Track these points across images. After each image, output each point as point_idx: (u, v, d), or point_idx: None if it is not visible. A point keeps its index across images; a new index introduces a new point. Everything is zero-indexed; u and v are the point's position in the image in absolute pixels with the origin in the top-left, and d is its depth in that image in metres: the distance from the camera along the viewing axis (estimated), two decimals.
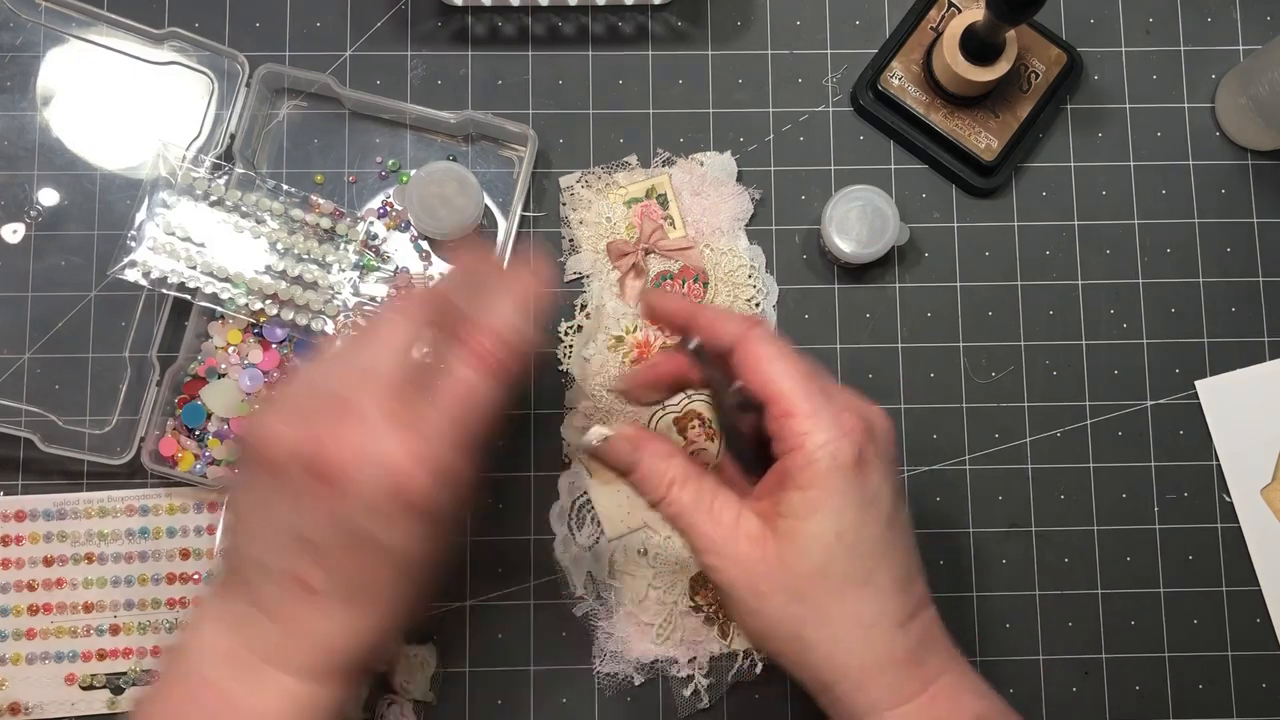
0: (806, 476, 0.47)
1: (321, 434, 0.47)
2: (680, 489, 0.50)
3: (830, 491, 0.47)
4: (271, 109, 0.68)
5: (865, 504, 0.48)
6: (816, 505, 0.47)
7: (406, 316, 0.50)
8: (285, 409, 0.49)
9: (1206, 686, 0.66)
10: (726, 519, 0.49)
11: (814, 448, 0.47)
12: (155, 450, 0.64)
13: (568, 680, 0.65)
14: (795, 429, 0.47)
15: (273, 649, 0.49)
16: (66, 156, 0.68)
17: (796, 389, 0.48)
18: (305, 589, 0.48)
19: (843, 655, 0.48)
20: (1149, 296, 0.68)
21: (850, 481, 0.47)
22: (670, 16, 0.70)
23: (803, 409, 0.47)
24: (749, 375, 0.49)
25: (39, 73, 0.68)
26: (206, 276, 0.64)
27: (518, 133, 0.66)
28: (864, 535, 0.48)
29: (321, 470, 0.46)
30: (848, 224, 0.65)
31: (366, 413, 0.47)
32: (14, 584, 0.65)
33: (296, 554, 0.48)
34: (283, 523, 0.48)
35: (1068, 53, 0.68)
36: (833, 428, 0.47)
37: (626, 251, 0.67)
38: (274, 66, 0.66)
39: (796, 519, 0.47)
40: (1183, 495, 0.67)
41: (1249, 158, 0.69)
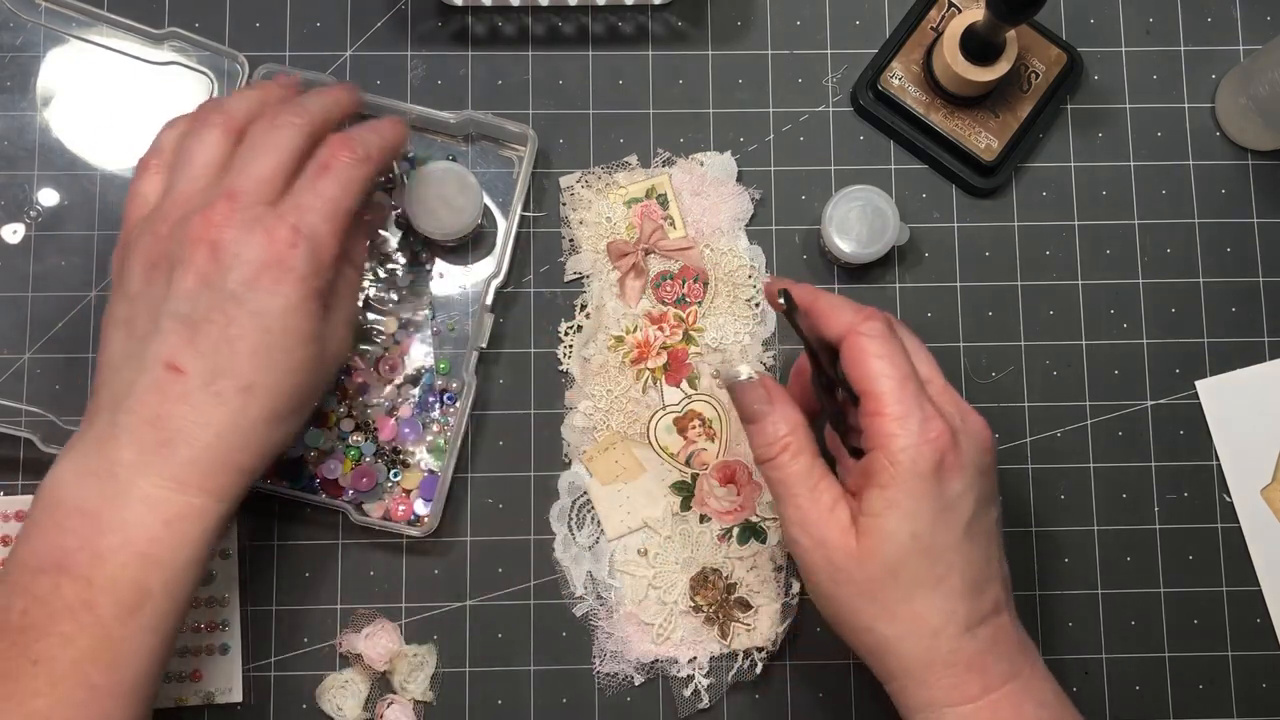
0: (887, 476, 0.49)
1: (204, 213, 0.51)
2: (793, 458, 0.51)
3: (908, 493, 0.49)
4: None
5: (942, 509, 0.49)
6: (894, 505, 0.49)
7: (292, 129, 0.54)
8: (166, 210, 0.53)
9: (1206, 686, 0.66)
10: (825, 501, 0.51)
11: (896, 450, 0.49)
12: None
13: (568, 680, 0.65)
14: (882, 429, 0.49)
15: (136, 457, 0.50)
16: (66, 156, 0.68)
17: (890, 390, 0.49)
18: (174, 373, 0.50)
19: (908, 653, 0.50)
20: (1149, 296, 0.68)
21: (928, 485, 0.49)
22: (670, 16, 0.70)
23: (892, 411, 0.49)
24: (851, 369, 0.51)
25: (39, 73, 0.68)
26: None
27: (518, 133, 0.66)
28: (938, 540, 0.49)
29: (200, 236, 0.51)
30: (848, 224, 0.65)
31: (244, 196, 0.52)
32: None
33: (169, 332, 0.51)
34: (157, 305, 0.51)
35: (1068, 53, 0.68)
36: (917, 433, 0.49)
37: (626, 251, 0.67)
38: (274, 66, 0.66)
39: (875, 517, 0.49)
40: (1183, 495, 0.67)
41: (1249, 158, 0.69)
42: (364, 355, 0.66)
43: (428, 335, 0.67)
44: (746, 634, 0.64)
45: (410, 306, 0.67)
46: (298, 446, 0.64)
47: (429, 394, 0.66)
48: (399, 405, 0.66)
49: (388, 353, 0.66)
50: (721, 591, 0.65)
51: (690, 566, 0.65)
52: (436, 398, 0.66)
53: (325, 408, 0.65)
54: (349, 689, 0.65)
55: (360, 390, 0.66)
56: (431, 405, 0.66)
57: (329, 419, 0.65)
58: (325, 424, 0.65)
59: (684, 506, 0.66)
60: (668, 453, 0.66)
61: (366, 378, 0.66)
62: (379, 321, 0.66)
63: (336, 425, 0.65)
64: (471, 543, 0.66)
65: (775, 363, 0.67)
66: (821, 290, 0.54)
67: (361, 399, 0.66)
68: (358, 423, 0.65)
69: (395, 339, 0.66)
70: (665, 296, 0.67)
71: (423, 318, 0.67)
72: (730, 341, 0.66)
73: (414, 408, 0.66)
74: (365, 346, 0.66)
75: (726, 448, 0.66)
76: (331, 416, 0.65)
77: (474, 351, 0.66)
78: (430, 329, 0.67)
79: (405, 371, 0.66)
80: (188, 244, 0.51)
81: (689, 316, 0.67)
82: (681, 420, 0.66)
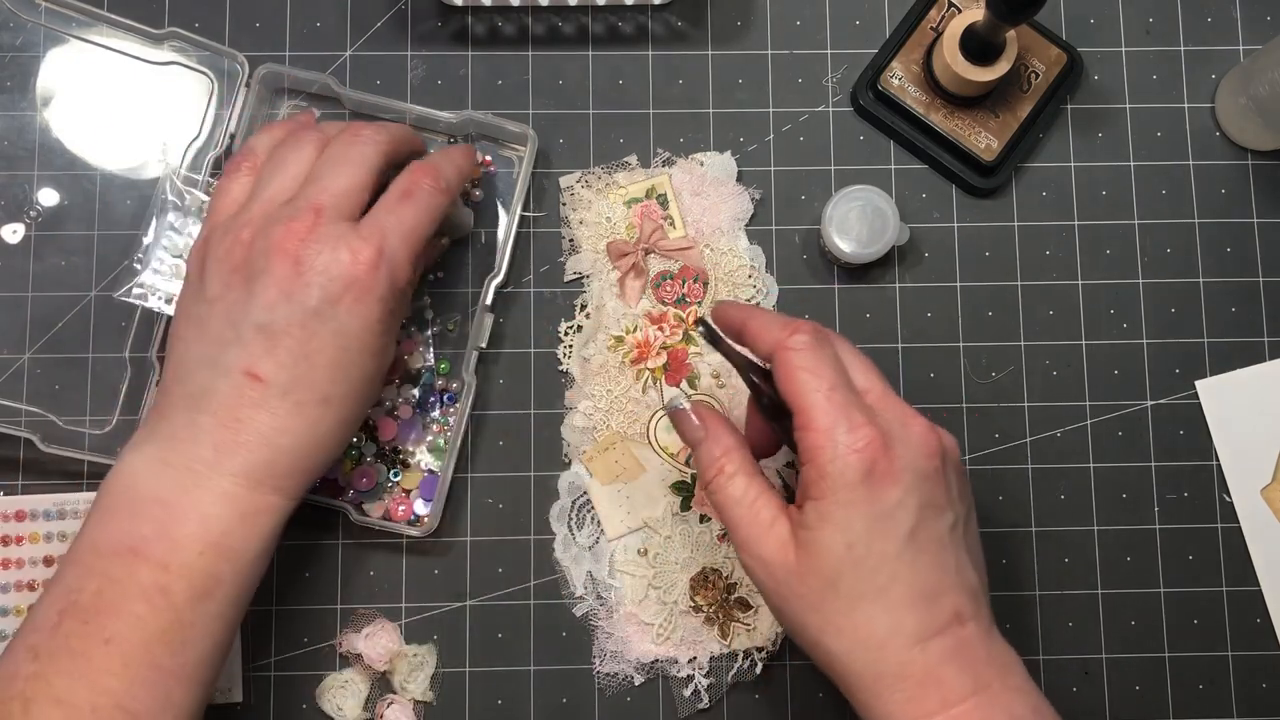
0: (818, 489, 0.48)
1: (289, 224, 0.53)
2: (729, 479, 0.52)
3: (838, 504, 0.48)
4: (271, 109, 0.68)
5: (877, 518, 0.48)
6: (826, 517, 0.48)
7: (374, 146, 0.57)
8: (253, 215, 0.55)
9: (1206, 686, 0.66)
10: (764, 518, 0.50)
11: (824, 462, 0.48)
12: None
13: (568, 680, 0.65)
14: (810, 442, 0.49)
15: (214, 456, 0.52)
16: (66, 157, 0.68)
17: (817, 403, 0.49)
18: (254, 380, 0.52)
19: (855, 666, 0.49)
20: (1149, 296, 0.68)
21: (859, 495, 0.48)
22: (670, 16, 0.70)
23: (818, 423, 0.49)
24: (781, 385, 0.51)
25: (39, 73, 0.68)
26: None
27: (518, 133, 0.66)
28: (875, 549, 0.48)
29: (284, 247, 0.52)
30: (848, 224, 0.65)
31: (328, 211, 0.54)
32: (14, 584, 0.65)
33: (249, 341, 0.53)
34: (238, 313, 0.53)
35: (1068, 53, 0.68)
36: (843, 443, 0.48)
37: (626, 251, 0.67)
38: (274, 66, 0.66)
39: (810, 529, 0.49)
40: (1183, 495, 0.67)
41: (1249, 158, 0.69)
42: None
43: (428, 335, 0.67)
44: (746, 634, 0.64)
45: (410, 307, 0.67)
46: None
47: (429, 394, 0.66)
48: (399, 405, 0.66)
49: None
50: (721, 591, 0.65)
51: (690, 566, 0.65)
52: (436, 398, 0.66)
53: None
54: (349, 689, 0.65)
55: None
56: (432, 405, 0.66)
57: None
58: None
59: (684, 506, 0.66)
60: (668, 453, 0.66)
61: None
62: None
63: None
64: (471, 543, 0.66)
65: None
66: (753, 309, 0.54)
67: None
68: None
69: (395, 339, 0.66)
70: (665, 296, 0.67)
71: (422, 317, 0.67)
72: None
73: (414, 408, 0.66)
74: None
75: None
76: None
77: (474, 351, 0.66)
78: (430, 329, 0.67)
79: (405, 371, 0.66)
80: (272, 254, 0.53)
81: (689, 316, 0.67)
82: None
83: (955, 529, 0.51)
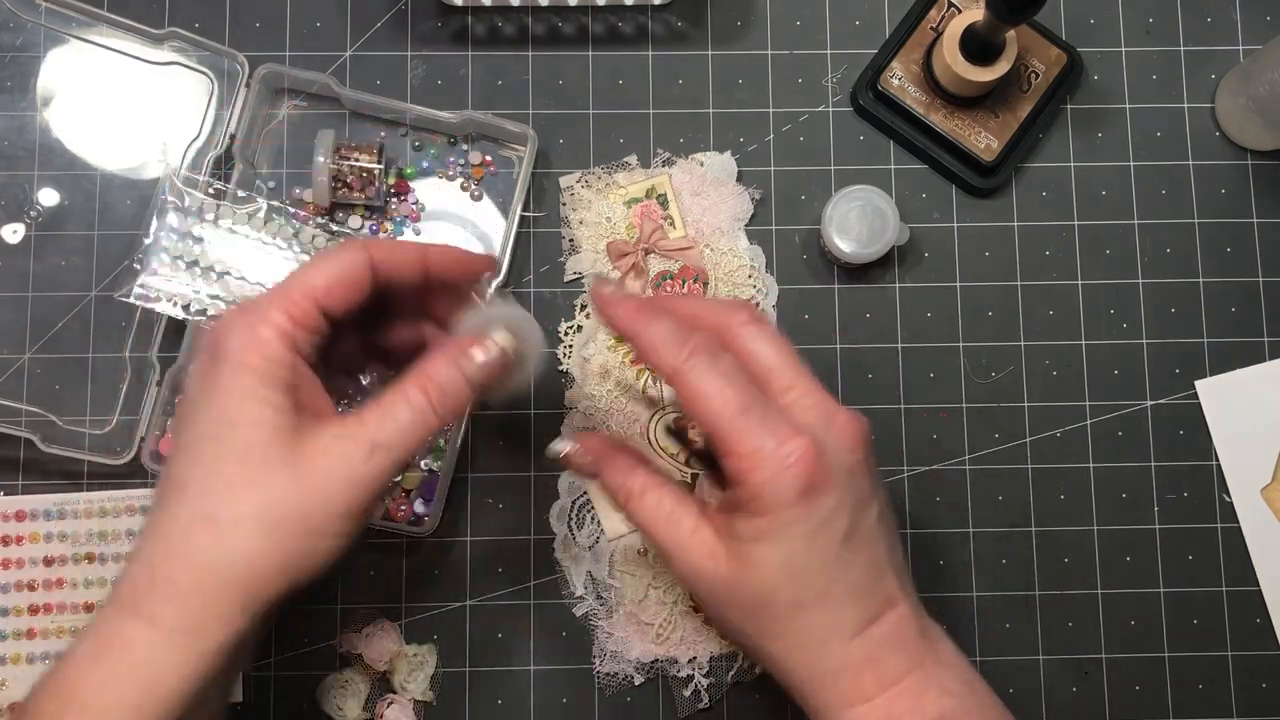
0: (755, 508, 0.47)
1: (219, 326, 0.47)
2: (639, 500, 0.50)
3: (774, 522, 0.47)
4: (272, 109, 0.68)
5: (815, 530, 0.47)
6: (763, 534, 0.47)
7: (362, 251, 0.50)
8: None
9: (1206, 686, 0.66)
10: (685, 527, 0.49)
11: (755, 484, 0.46)
12: (155, 450, 0.64)
13: (568, 680, 0.65)
14: (736, 467, 0.47)
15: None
16: (66, 157, 0.68)
17: (734, 426, 0.47)
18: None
19: (797, 667, 0.48)
20: (1149, 296, 0.68)
21: (796, 512, 0.46)
22: (670, 16, 0.70)
23: (741, 447, 0.46)
24: (689, 412, 0.48)
25: (39, 73, 0.68)
26: (214, 300, 0.64)
27: (518, 133, 0.66)
28: (814, 559, 0.47)
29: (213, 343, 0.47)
30: (848, 224, 0.65)
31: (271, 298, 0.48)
32: (14, 584, 0.65)
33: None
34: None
35: (1068, 53, 0.68)
36: (774, 460, 0.46)
37: (626, 251, 0.67)
38: (274, 66, 0.66)
39: (746, 543, 0.47)
40: (1183, 495, 0.67)
41: (1249, 158, 0.69)
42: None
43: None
44: None
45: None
46: None
47: None
48: None
49: None
50: None
51: None
52: None
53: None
54: (349, 689, 0.65)
55: (358, 390, 0.66)
56: None
57: None
58: None
59: None
60: (668, 453, 0.66)
61: (365, 378, 0.66)
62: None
63: None
64: (471, 543, 0.66)
65: None
66: (645, 313, 0.49)
67: (360, 398, 0.66)
68: None
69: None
70: None
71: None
72: None
73: None
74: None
75: None
76: None
77: None
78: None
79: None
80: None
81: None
82: (681, 421, 0.66)
83: (881, 515, 0.50)
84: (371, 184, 0.65)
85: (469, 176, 0.68)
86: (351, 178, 0.65)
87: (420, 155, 0.68)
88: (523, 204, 0.67)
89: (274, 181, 0.68)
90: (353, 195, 0.66)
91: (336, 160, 0.65)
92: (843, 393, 0.67)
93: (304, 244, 0.65)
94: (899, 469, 0.67)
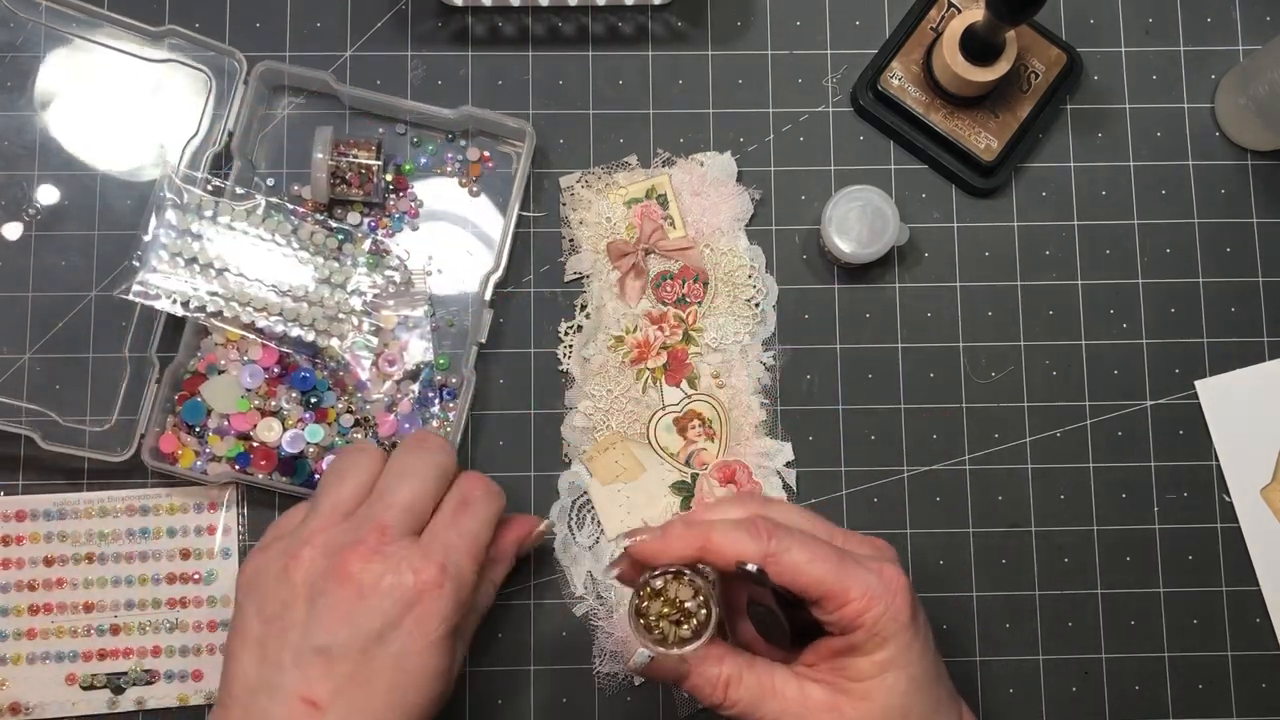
0: (875, 644, 0.49)
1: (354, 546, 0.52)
2: (738, 687, 0.50)
3: (900, 648, 0.49)
4: (270, 107, 0.68)
5: (925, 645, 0.50)
6: (889, 663, 0.49)
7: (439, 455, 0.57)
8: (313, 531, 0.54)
9: (1206, 686, 0.66)
10: (791, 695, 0.50)
11: (874, 619, 0.48)
12: (155, 447, 0.64)
13: (568, 680, 0.65)
14: (853, 612, 0.48)
15: None
16: (65, 155, 0.68)
17: (840, 577, 0.49)
18: (310, 707, 0.50)
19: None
20: (1149, 296, 0.68)
21: (914, 633, 0.49)
22: (670, 16, 0.70)
23: (855, 592, 0.48)
24: (788, 582, 0.49)
25: (38, 72, 0.68)
26: (213, 297, 0.64)
27: (515, 128, 0.66)
28: (929, 672, 0.50)
29: (346, 571, 0.51)
30: (848, 224, 0.65)
31: (391, 530, 0.53)
32: (14, 584, 0.65)
33: (308, 665, 0.51)
34: (296, 635, 0.51)
35: (1068, 53, 0.68)
36: (883, 595, 0.48)
37: (626, 251, 0.67)
38: (272, 64, 0.66)
39: (870, 680, 0.49)
40: (1183, 495, 0.67)
41: (1249, 158, 0.69)
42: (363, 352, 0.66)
43: (427, 331, 0.67)
44: None
45: (409, 303, 0.67)
46: (297, 442, 0.65)
47: (428, 389, 0.66)
48: (398, 401, 0.66)
49: (387, 348, 0.66)
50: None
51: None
52: (436, 393, 0.66)
53: (325, 404, 0.65)
54: None
55: (359, 386, 0.66)
56: (431, 401, 0.66)
57: (329, 415, 0.65)
58: (325, 420, 0.65)
59: (684, 506, 0.66)
60: (668, 453, 0.66)
61: (366, 374, 0.66)
62: (377, 319, 0.66)
63: (336, 421, 0.65)
64: None
65: (775, 363, 0.67)
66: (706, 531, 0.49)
67: (360, 395, 0.66)
68: (357, 418, 0.65)
69: (395, 334, 0.66)
70: (665, 296, 0.67)
71: (421, 314, 0.67)
72: (730, 341, 0.66)
73: (414, 403, 0.66)
74: (364, 346, 0.66)
75: (726, 448, 0.66)
76: (331, 413, 0.65)
77: (473, 347, 0.66)
78: (429, 325, 0.67)
79: (405, 367, 0.66)
80: (334, 576, 0.52)
81: (689, 316, 0.67)
82: (681, 420, 0.66)
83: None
84: (370, 180, 0.65)
85: (467, 173, 0.68)
86: (350, 174, 0.65)
87: (419, 152, 0.68)
88: (521, 201, 0.67)
89: (273, 179, 0.68)
90: (351, 191, 0.66)
91: (335, 156, 0.65)
92: (843, 393, 0.67)
93: (303, 240, 0.65)
94: (899, 469, 0.67)
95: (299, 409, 0.65)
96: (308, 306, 0.65)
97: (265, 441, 0.65)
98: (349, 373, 0.66)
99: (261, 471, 0.64)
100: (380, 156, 0.66)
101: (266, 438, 0.65)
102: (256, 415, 0.65)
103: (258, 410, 0.65)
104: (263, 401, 0.65)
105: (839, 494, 0.67)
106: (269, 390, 0.65)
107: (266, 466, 0.64)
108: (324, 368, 0.66)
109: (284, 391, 0.65)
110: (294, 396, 0.65)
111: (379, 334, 0.66)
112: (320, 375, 0.66)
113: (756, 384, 0.67)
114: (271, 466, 0.64)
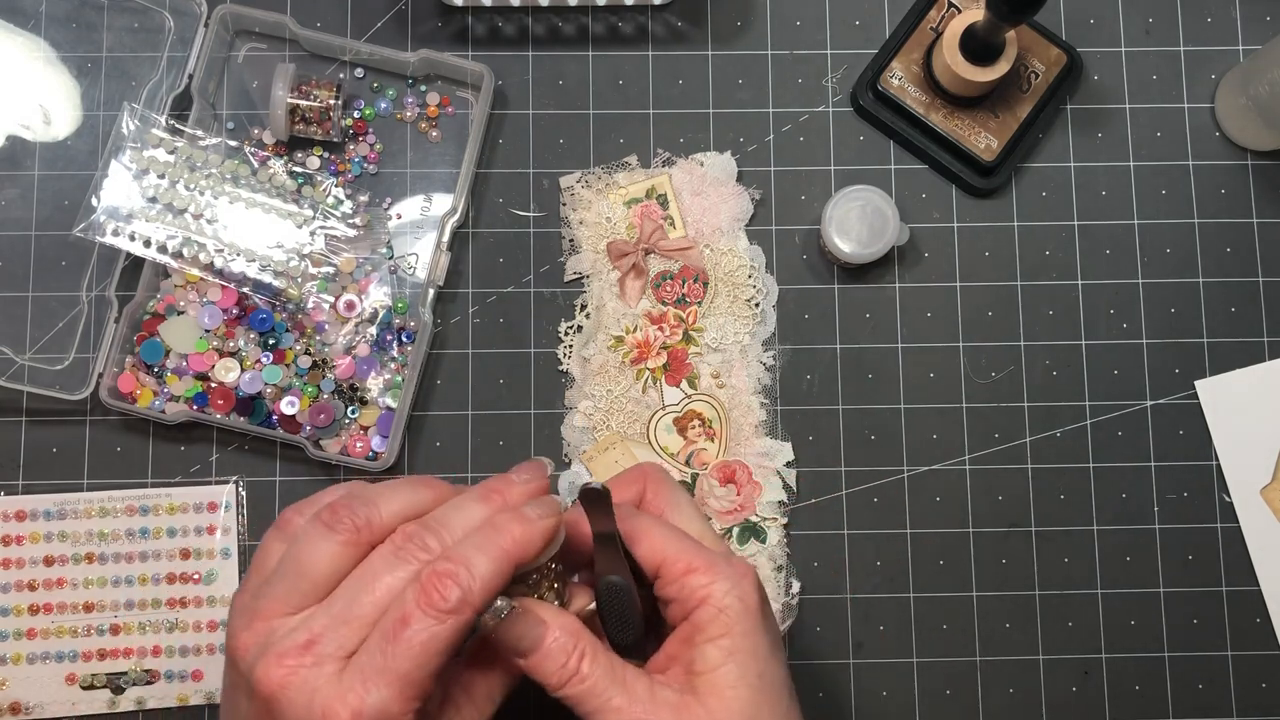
0: (719, 625, 0.46)
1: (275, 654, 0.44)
2: (592, 662, 0.46)
3: (744, 634, 0.47)
4: (230, 51, 0.68)
5: (774, 639, 0.48)
6: (733, 651, 0.46)
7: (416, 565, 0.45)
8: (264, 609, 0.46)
9: (1206, 686, 0.66)
10: (641, 691, 0.46)
11: (721, 595, 0.47)
12: (114, 387, 0.65)
13: None
14: (698, 582, 0.47)
15: None
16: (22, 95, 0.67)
17: (687, 548, 0.48)
18: None
19: None
20: (1149, 296, 0.68)
21: (759, 622, 0.47)
22: (670, 16, 0.70)
23: (700, 563, 0.47)
24: (638, 548, 0.48)
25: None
26: (171, 239, 0.64)
27: (475, 71, 0.66)
28: (779, 674, 0.48)
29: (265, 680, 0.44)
30: (848, 224, 0.65)
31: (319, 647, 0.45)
32: (14, 584, 0.65)
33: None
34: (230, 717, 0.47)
35: (1068, 53, 0.68)
36: (729, 574, 0.47)
37: (626, 251, 0.67)
38: (232, 6, 0.67)
39: (715, 670, 0.46)
40: (1183, 495, 0.67)
41: (1249, 158, 0.69)
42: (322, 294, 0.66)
43: (385, 274, 0.67)
44: None
45: (367, 245, 0.67)
46: (255, 383, 0.65)
47: (386, 332, 0.66)
48: (356, 344, 0.66)
49: (345, 291, 0.66)
50: None
51: None
52: (394, 336, 0.66)
53: (283, 345, 0.66)
54: None
55: (318, 328, 0.66)
56: (389, 344, 0.66)
57: (286, 356, 0.66)
58: (283, 361, 0.66)
59: None
60: (668, 453, 0.66)
61: (324, 316, 0.66)
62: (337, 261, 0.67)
63: (294, 362, 0.66)
64: None
65: (775, 363, 0.67)
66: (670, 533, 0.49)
67: (319, 337, 0.66)
68: (315, 360, 0.66)
69: (353, 277, 0.67)
70: (665, 296, 0.67)
71: (380, 256, 0.67)
72: (730, 341, 0.66)
73: (371, 346, 0.66)
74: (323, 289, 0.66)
75: (726, 448, 0.66)
76: (289, 354, 0.66)
77: (431, 290, 0.66)
78: (388, 268, 0.67)
79: (363, 310, 0.66)
80: (254, 681, 0.45)
81: (689, 316, 0.67)
82: (681, 420, 0.66)
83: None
84: (330, 119, 0.66)
85: (426, 118, 0.68)
86: (310, 113, 0.65)
87: (379, 97, 0.68)
88: (479, 146, 0.67)
89: (233, 123, 0.68)
90: (311, 130, 0.66)
91: (295, 96, 0.65)
92: (843, 393, 0.67)
93: (262, 182, 0.66)
94: (899, 469, 0.67)
95: (257, 350, 0.66)
96: (267, 248, 0.65)
97: (223, 382, 0.65)
98: (307, 315, 0.66)
99: (219, 411, 0.65)
100: (339, 96, 0.66)
101: (224, 378, 0.65)
102: (215, 356, 0.65)
103: (216, 351, 0.65)
104: (221, 342, 0.65)
105: (839, 494, 0.67)
106: (227, 331, 0.65)
107: (224, 407, 0.65)
108: (282, 309, 0.66)
109: (242, 332, 0.66)
110: (252, 338, 0.66)
111: (338, 276, 0.66)
112: (279, 317, 0.66)
113: (756, 384, 0.67)
114: (229, 407, 0.65)
